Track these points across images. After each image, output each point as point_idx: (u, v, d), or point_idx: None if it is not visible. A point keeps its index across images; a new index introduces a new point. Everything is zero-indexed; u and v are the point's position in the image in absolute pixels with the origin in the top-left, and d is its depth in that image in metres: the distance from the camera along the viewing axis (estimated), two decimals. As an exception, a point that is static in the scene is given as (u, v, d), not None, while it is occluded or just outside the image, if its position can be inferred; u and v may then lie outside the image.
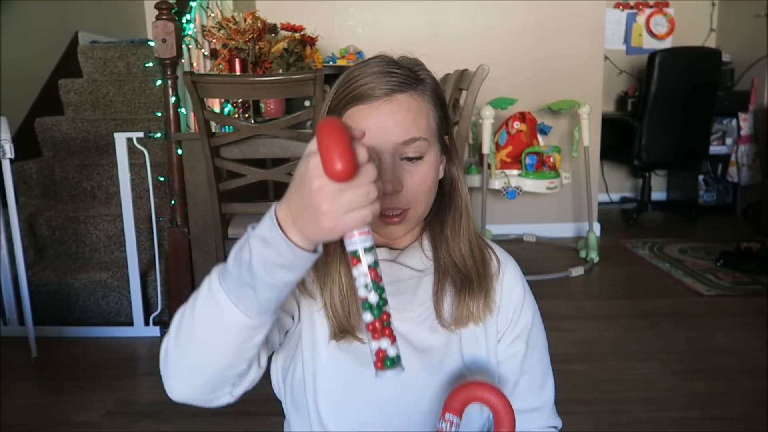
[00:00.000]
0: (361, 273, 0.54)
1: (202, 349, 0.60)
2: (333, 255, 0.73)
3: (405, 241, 0.78)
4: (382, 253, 0.76)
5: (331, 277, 0.73)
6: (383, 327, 0.56)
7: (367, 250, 0.54)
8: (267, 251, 0.54)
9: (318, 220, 0.51)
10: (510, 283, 0.81)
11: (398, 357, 0.56)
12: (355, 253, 0.54)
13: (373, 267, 0.55)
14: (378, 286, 0.55)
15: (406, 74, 0.70)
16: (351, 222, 0.51)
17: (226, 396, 0.64)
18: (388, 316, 0.56)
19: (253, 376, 0.65)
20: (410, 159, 0.70)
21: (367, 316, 0.55)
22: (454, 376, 0.77)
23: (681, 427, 1.72)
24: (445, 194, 0.78)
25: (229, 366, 0.61)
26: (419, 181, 0.71)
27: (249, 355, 0.60)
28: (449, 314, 0.77)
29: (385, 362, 0.56)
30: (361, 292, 0.55)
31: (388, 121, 0.68)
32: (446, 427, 0.68)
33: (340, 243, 0.71)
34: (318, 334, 0.75)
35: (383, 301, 0.55)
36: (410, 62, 0.73)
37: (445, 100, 0.76)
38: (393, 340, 0.56)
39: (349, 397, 0.75)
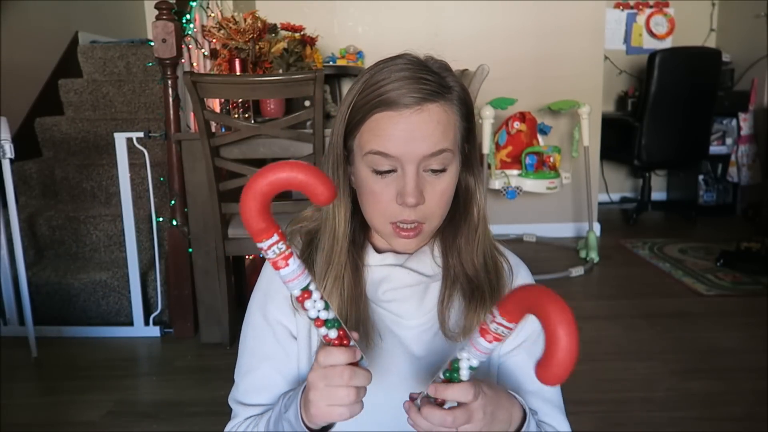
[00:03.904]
0: (316, 301, 0.58)
1: None
2: (338, 260, 0.71)
3: None
4: (388, 258, 0.74)
5: (331, 282, 0.71)
6: (346, 333, 0.59)
7: (310, 285, 0.58)
8: (286, 410, 0.67)
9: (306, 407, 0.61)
10: None
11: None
12: (306, 288, 0.57)
13: (319, 291, 0.58)
14: (327, 302, 0.59)
15: (437, 81, 0.67)
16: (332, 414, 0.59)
17: None
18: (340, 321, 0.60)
19: None
20: (434, 171, 0.68)
21: (333, 333, 0.59)
22: None
23: (681, 427, 1.72)
24: (459, 204, 0.75)
25: None
26: (439, 193, 0.69)
27: None
28: (456, 325, 0.74)
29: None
30: (322, 315, 0.58)
31: (416, 133, 0.65)
32: (492, 326, 0.56)
33: (347, 250, 0.72)
34: (314, 349, 0.75)
35: (334, 313, 0.59)
36: (439, 66, 0.70)
37: (472, 109, 0.73)
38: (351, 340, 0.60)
39: None
